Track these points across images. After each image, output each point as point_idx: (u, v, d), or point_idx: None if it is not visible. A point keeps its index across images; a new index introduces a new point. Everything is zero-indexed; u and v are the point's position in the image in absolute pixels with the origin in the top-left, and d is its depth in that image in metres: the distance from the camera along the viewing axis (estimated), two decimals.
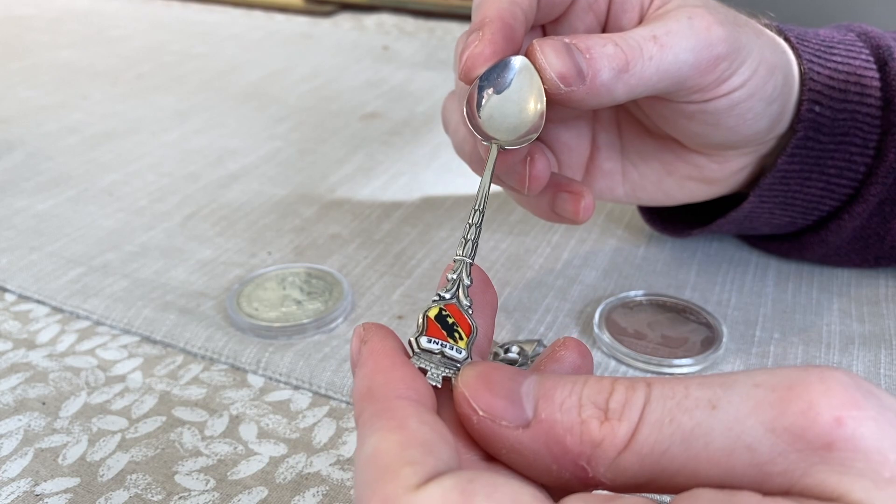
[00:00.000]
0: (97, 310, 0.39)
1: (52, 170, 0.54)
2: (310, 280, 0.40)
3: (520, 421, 0.18)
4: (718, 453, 0.16)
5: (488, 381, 0.18)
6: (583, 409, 0.17)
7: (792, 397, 0.16)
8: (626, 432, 0.17)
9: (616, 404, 0.17)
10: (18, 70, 0.75)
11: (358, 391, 0.19)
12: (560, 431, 0.17)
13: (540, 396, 0.18)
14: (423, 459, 0.16)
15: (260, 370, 0.35)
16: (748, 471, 0.16)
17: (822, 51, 0.35)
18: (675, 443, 0.16)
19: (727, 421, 0.16)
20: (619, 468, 0.17)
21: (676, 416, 0.16)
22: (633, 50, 0.28)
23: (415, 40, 0.85)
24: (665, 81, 0.29)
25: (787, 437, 0.15)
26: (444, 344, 0.20)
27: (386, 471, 0.16)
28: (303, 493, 0.29)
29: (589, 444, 0.17)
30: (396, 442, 0.17)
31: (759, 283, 0.40)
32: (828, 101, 0.34)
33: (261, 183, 0.52)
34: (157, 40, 0.85)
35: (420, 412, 0.18)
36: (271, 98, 0.68)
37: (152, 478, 0.30)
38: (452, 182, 0.52)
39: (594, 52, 0.28)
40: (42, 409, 0.33)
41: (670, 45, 0.29)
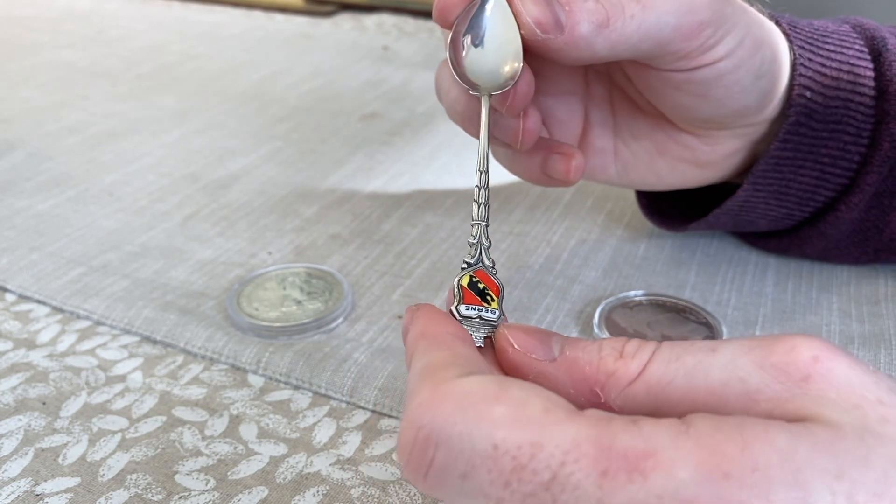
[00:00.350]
0: (97, 310, 0.39)
1: (53, 170, 0.54)
2: (310, 280, 0.40)
3: (548, 356, 0.21)
4: (715, 384, 0.19)
5: (525, 327, 0.22)
6: (602, 350, 0.21)
7: (778, 342, 0.19)
8: (637, 366, 0.20)
9: (630, 348, 0.20)
10: (19, 70, 0.76)
11: (412, 335, 0.22)
12: (581, 363, 0.21)
13: (567, 343, 0.21)
14: (465, 365, 0.20)
15: (260, 370, 0.35)
16: (739, 398, 0.18)
17: (814, 39, 0.35)
18: (679, 375, 0.19)
19: (724, 359, 0.19)
20: (629, 396, 0.20)
21: (682, 355, 0.19)
22: (615, 7, 0.28)
23: (415, 41, 0.86)
24: (647, 42, 0.29)
25: (772, 371, 0.18)
26: (480, 309, 0.24)
27: (435, 370, 0.19)
28: (303, 493, 0.29)
29: (604, 373, 0.20)
30: (445, 356, 0.20)
31: (758, 283, 0.40)
32: (819, 88, 0.34)
33: (261, 183, 0.52)
34: (158, 41, 0.85)
35: (466, 344, 0.22)
36: (271, 98, 0.68)
37: (152, 477, 0.30)
38: (453, 182, 0.53)
39: (574, 6, 0.28)
40: (42, 408, 0.33)
41: (653, 6, 0.29)
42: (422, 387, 0.19)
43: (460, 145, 0.58)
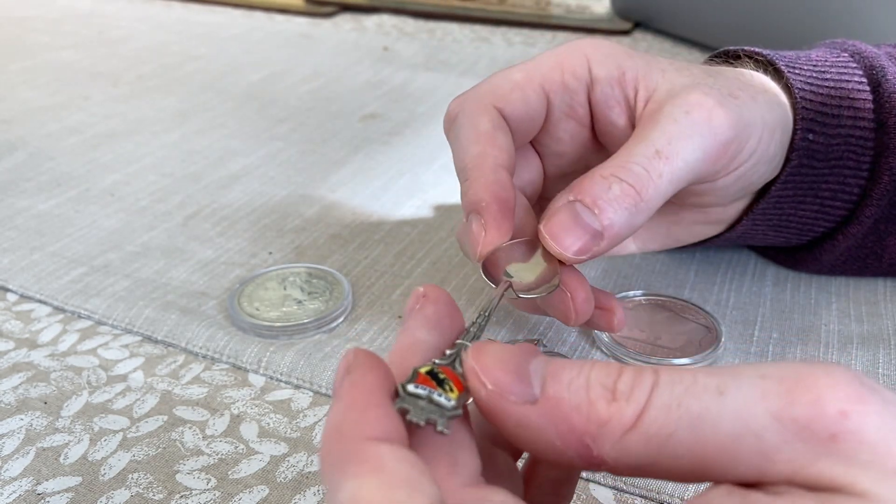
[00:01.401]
0: (99, 309, 0.39)
1: (54, 170, 0.55)
2: (310, 280, 0.40)
3: (527, 397, 0.18)
4: (725, 439, 0.16)
5: (497, 356, 0.18)
6: (591, 390, 0.17)
7: (800, 389, 0.16)
8: (633, 413, 0.17)
9: (624, 386, 0.17)
10: (20, 71, 0.76)
11: (327, 429, 0.18)
12: (567, 409, 0.17)
13: (548, 375, 0.18)
14: (411, 499, 0.16)
15: (261, 370, 0.35)
16: (753, 458, 0.16)
17: (814, 76, 0.34)
18: (683, 426, 0.16)
19: (735, 407, 0.16)
20: (625, 448, 0.17)
21: (685, 400, 0.16)
22: (641, 178, 0.27)
23: (415, 41, 0.86)
24: (680, 186, 0.29)
25: (793, 426, 0.16)
26: (433, 391, 0.19)
27: None
28: (303, 493, 0.29)
29: (595, 422, 0.17)
30: (377, 485, 0.16)
31: (757, 283, 0.40)
32: (821, 128, 0.34)
33: (262, 183, 0.53)
34: (158, 41, 0.86)
35: (393, 450, 0.17)
36: (272, 99, 0.69)
37: (153, 477, 0.30)
38: (453, 183, 0.53)
39: (602, 203, 0.27)
40: (44, 408, 0.33)
41: (677, 153, 0.28)
42: None
43: None
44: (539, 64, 0.32)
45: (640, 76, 0.31)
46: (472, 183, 0.29)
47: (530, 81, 0.32)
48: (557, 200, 0.28)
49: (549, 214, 0.28)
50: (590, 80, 0.32)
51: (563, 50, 0.32)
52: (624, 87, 0.31)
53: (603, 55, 0.32)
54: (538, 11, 0.96)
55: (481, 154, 0.30)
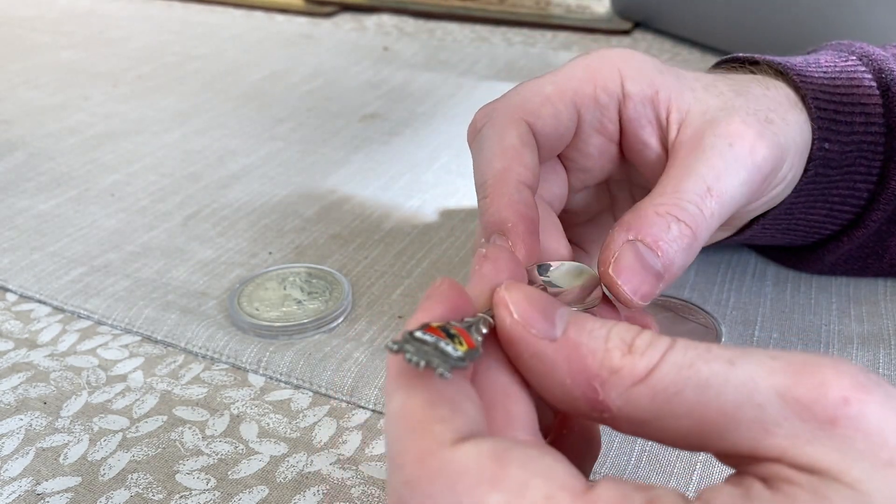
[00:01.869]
0: (98, 309, 0.39)
1: (54, 170, 0.54)
2: (310, 280, 0.40)
3: (548, 334, 0.19)
4: (728, 405, 0.17)
5: (528, 294, 0.20)
6: (609, 340, 0.18)
7: (805, 372, 0.16)
8: (645, 366, 0.18)
9: (642, 343, 0.18)
10: (20, 71, 0.76)
11: None
12: (583, 351, 0.18)
13: (571, 322, 0.19)
14: (452, 417, 0.17)
15: (260, 370, 0.35)
16: (752, 427, 0.16)
17: (825, 84, 0.34)
18: (690, 386, 0.17)
19: (742, 378, 0.17)
20: (630, 399, 0.18)
21: (696, 363, 0.17)
22: (696, 218, 0.27)
23: (415, 41, 0.86)
24: (724, 220, 0.28)
25: (795, 405, 0.16)
26: (440, 339, 0.19)
27: (418, 426, 0.17)
28: (303, 493, 0.29)
29: (607, 368, 0.18)
30: (423, 399, 0.17)
31: (757, 283, 0.40)
32: (836, 136, 0.33)
33: (262, 183, 0.53)
34: (158, 41, 0.86)
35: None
36: (272, 98, 0.69)
37: (153, 477, 0.30)
38: (453, 183, 0.53)
39: (663, 244, 0.26)
40: (43, 408, 0.33)
41: (725, 190, 0.27)
42: (405, 452, 0.17)
43: (461, 146, 0.58)
44: (570, 77, 0.31)
45: (673, 97, 0.30)
46: (493, 200, 0.28)
47: (562, 96, 0.30)
48: (615, 239, 0.26)
49: (610, 255, 0.26)
50: (622, 97, 0.30)
51: (594, 62, 0.31)
52: (656, 106, 0.30)
53: (635, 70, 0.30)
54: (538, 11, 0.96)
55: (505, 170, 0.28)
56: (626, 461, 0.30)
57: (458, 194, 0.51)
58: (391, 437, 0.17)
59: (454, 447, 0.16)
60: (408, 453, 0.17)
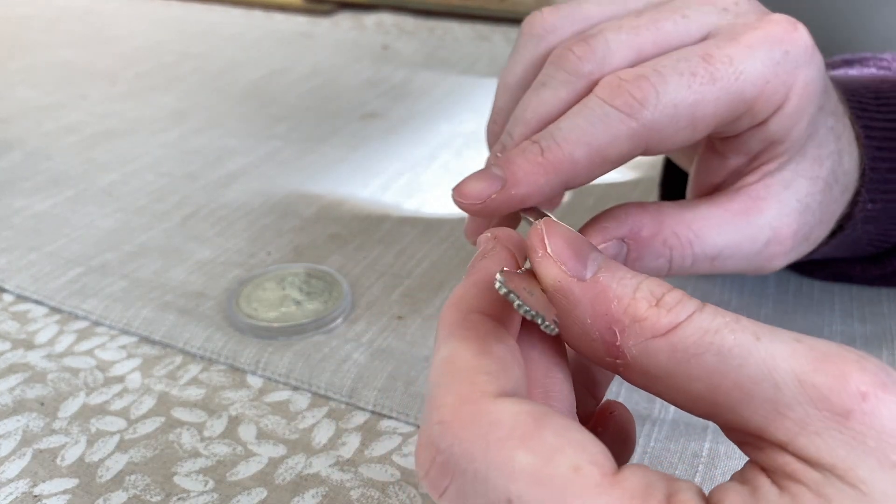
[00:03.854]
0: (96, 310, 0.39)
1: (51, 169, 0.54)
2: (309, 280, 0.40)
3: (578, 273, 0.19)
4: (745, 378, 0.16)
5: (565, 234, 0.19)
6: (638, 290, 0.18)
7: (828, 360, 0.16)
8: (669, 322, 0.17)
9: (671, 299, 0.18)
10: (17, 70, 0.75)
11: (452, 297, 0.19)
12: (609, 295, 0.18)
13: (604, 266, 0.19)
14: (497, 373, 0.17)
15: (259, 371, 0.35)
16: (765, 405, 0.16)
17: (883, 146, 0.31)
18: (712, 352, 0.17)
19: (765, 354, 0.16)
20: (647, 351, 0.18)
21: (722, 329, 0.17)
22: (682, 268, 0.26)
23: (414, 39, 0.85)
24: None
25: (812, 391, 0.16)
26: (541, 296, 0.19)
27: (463, 373, 0.17)
28: (302, 494, 0.29)
29: (630, 315, 0.18)
30: (474, 351, 0.18)
31: (760, 284, 0.40)
32: (882, 196, 0.31)
33: (260, 183, 0.52)
34: (156, 40, 0.85)
35: (499, 332, 0.18)
36: (271, 97, 0.68)
37: (151, 479, 0.29)
38: (453, 182, 0.52)
39: (637, 265, 0.26)
40: (40, 409, 0.33)
41: (723, 266, 0.27)
42: (445, 394, 0.17)
43: (461, 145, 0.58)
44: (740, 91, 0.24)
45: (789, 153, 0.27)
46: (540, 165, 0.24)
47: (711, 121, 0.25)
48: (615, 226, 0.26)
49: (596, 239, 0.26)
50: (759, 123, 0.25)
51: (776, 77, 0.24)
52: (769, 150, 0.27)
53: (796, 109, 0.25)
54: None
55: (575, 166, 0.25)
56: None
57: None
58: (434, 379, 0.17)
59: (495, 399, 0.16)
60: (448, 395, 0.17)
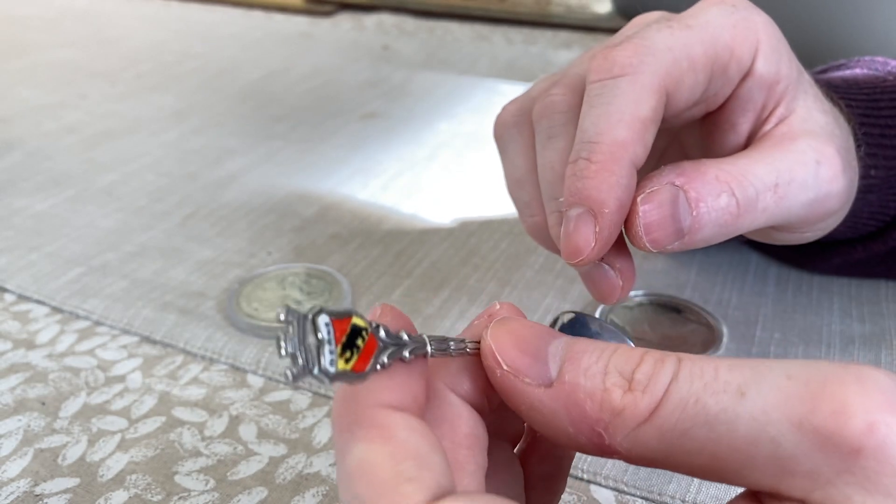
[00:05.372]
0: (96, 310, 0.39)
1: (51, 169, 0.54)
2: (309, 280, 0.40)
3: (542, 380, 0.18)
4: (740, 441, 0.15)
5: (517, 336, 0.18)
6: (607, 377, 0.17)
7: (825, 395, 0.15)
8: (648, 405, 0.16)
9: (642, 376, 0.17)
10: (17, 70, 0.75)
11: (341, 390, 0.18)
12: (581, 396, 0.17)
13: (567, 359, 0.18)
14: (419, 474, 0.16)
15: (259, 370, 0.35)
16: (769, 465, 0.15)
17: (870, 107, 0.33)
18: (699, 424, 0.16)
19: (754, 410, 0.15)
20: (638, 440, 0.17)
21: (702, 397, 0.16)
22: (749, 202, 0.25)
23: (414, 40, 0.85)
24: (766, 226, 0.26)
25: (814, 437, 0.15)
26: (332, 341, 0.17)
27: (384, 487, 0.15)
28: (302, 494, 0.29)
29: (609, 411, 0.17)
30: (387, 454, 0.16)
31: (759, 283, 0.40)
32: (883, 161, 0.32)
33: (260, 183, 0.52)
34: (156, 40, 0.85)
35: (406, 419, 0.17)
36: (271, 97, 0.68)
37: (152, 478, 0.29)
38: (452, 182, 0.52)
39: (702, 207, 0.24)
40: (42, 409, 0.33)
41: (788, 197, 0.25)
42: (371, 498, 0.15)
43: (461, 145, 0.58)
44: (715, 38, 0.26)
45: (789, 92, 0.27)
46: (600, 172, 0.24)
47: (704, 63, 0.26)
48: (660, 177, 0.24)
49: (649, 191, 0.24)
50: (748, 72, 0.27)
51: (741, 24, 0.26)
52: (770, 95, 0.27)
53: (772, 49, 0.27)
54: (539, 10, 0.96)
55: (625, 144, 0.24)
56: (626, 463, 0.29)
57: (458, 194, 0.51)
58: (353, 492, 0.16)
59: None
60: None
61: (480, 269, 0.42)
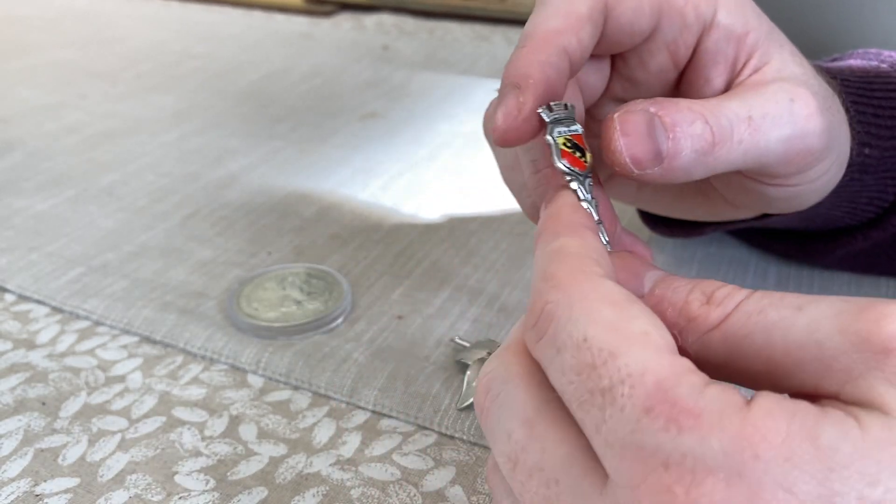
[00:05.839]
0: (97, 310, 0.39)
1: (52, 170, 0.54)
2: (309, 280, 0.40)
3: (636, 291, 0.21)
4: (792, 345, 0.18)
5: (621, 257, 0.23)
6: (691, 293, 0.20)
7: (868, 308, 0.17)
8: (719, 315, 0.19)
9: (720, 295, 0.20)
10: (18, 70, 0.75)
11: (545, 215, 0.23)
12: (665, 305, 0.21)
13: (659, 280, 0.22)
14: (600, 260, 0.20)
15: (260, 370, 0.35)
16: (813, 364, 0.18)
17: (863, 87, 0.33)
18: (758, 330, 0.19)
19: (808, 320, 0.18)
20: (705, 343, 0.20)
21: (766, 309, 0.19)
22: (724, 130, 0.25)
23: (414, 40, 0.85)
24: (747, 165, 0.27)
25: (853, 338, 0.17)
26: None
27: (574, 257, 0.20)
28: (303, 494, 0.29)
29: (685, 317, 0.20)
30: (578, 242, 0.21)
31: (759, 284, 0.40)
32: (876, 141, 0.32)
33: (260, 183, 0.52)
34: (157, 40, 0.85)
35: (596, 238, 0.22)
36: (271, 98, 0.68)
37: (152, 478, 0.29)
38: (453, 183, 0.52)
39: (679, 132, 0.25)
40: (42, 409, 0.33)
41: (764, 131, 0.26)
42: (559, 266, 0.20)
43: (461, 145, 0.58)
44: None
45: (760, 43, 0.28)
46: (527, 53, 0.25)
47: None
48: (635, 104, 0.25)
49: (625, 111, 0.25)
50: (709, 24, 0.28)
51: None
52: (740, 47, 0.28)
53: (734, 3, 0.28)
54: None
55: (557, 32, 0.25)
56: None
57: (458, 194, 0.51)
58: (543, 265, 0.21)
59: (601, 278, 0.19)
60: (562, 269, 0.20)
61: (480, 269, 0.42)
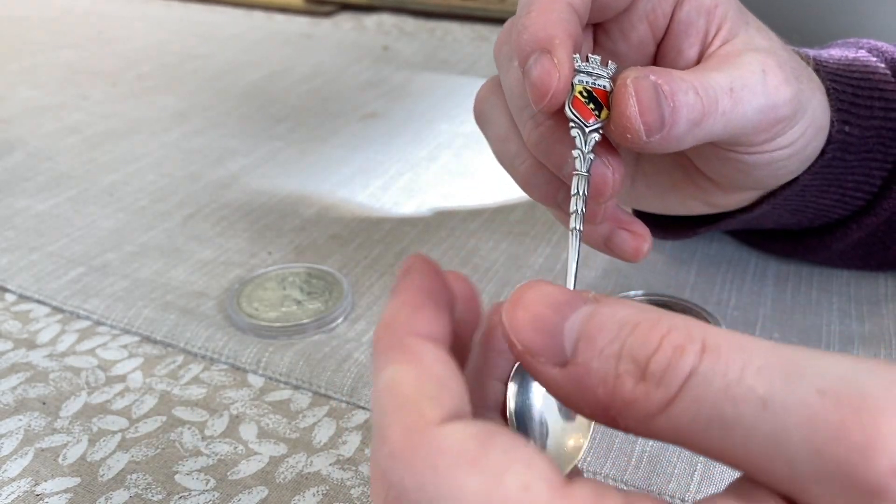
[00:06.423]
0: (97, 310, 0.39)
1: (53, 170, 0.54)
2: (310, 280, 0.40)
3: (557, 359, 0.17)
4: (755, 455, 0.15)
5: (533, 312, 0.18)
6: (620, 363, 0.16)
7: (853, 425, 0.14)
8: (661, 399, 0.16)
9: (657, 367, 0.16)
10: (19, 70, 0.76)
11: (382, 320, 0.19)
12: (593, 381, 0.17)
13: (582, 337, 0.17)
14: (439, 394, 0.17)
15: (260, 370, 0.35)
16: (783, 480, 0.15)
17: (841, 69, 0.34)
18: (713, 427, 0.15)
19: (773, 427, 0.14)
20: (651, 429, 0.16)
21: (719, 402, 0.15)
22: (711, 101, 0.26)
23: (415, 40, 0.86)
24: (724, 135, 0.28)
25: (833, 468, 0.14)
26: None
27: (406, 402, 0.17)
28: (303, 493, 0.29)
29: (620, 400, 0.16)
30: (413, 375, 0.17)
31: (758, 283, 0.40)
32: (856, 120, 0.33)
33: (261, 183, 0.53)
34: (158, 40, 0.85)
35: (435, 349, 0.18)
36: (271, 98, 0.68)
37: (152, 477, 0.30)
38: (452, 182, 0.53)
39: (678, 100, 0.25)
40: (42, 408, 0.33)
41: (744, 102, 0.27)
42: (391, 424, 0.17)
43: (460, 145, 0.58)
44: None
45: (729, 17, 0.30)
46: (539, 15, 0.25)
47: None
48: (638, 70, 0.26)
49: (636, 77, 0.25)
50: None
51: None
52: (710, 20, 0.30)
53: None
54: None
55: None
56: (626, 461, 0.30)
57: (458, 194, 0.51)
58: (379, 409, 0.17)
59: (441, 425, 0.16)
60: (394, 427, 0.16)
61: (480, 269, 0.42)
